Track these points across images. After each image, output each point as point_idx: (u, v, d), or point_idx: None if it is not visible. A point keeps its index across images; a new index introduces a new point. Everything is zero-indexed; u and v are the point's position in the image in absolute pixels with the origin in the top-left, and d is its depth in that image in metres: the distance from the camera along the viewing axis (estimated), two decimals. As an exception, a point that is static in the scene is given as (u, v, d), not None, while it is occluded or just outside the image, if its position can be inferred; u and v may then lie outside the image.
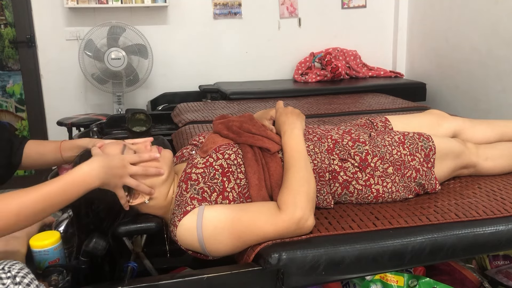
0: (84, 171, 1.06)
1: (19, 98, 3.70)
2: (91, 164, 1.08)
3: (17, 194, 0.98)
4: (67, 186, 1.03)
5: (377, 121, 1.62)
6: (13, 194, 0.98)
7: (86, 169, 1.06)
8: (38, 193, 0.99)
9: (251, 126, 1.37)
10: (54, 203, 1.01)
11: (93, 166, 1.07)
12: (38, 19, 3.49)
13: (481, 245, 1.23)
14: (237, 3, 3.77)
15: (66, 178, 1.04)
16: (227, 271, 1.09)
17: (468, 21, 3.24)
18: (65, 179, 1.03)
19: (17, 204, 0.96)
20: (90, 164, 1.07)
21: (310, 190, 1.18)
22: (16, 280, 0.89)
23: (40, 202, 0.99)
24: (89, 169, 1.06)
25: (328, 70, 3.66)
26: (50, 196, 1.00)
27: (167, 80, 3.73)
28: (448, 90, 3.53)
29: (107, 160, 1.11)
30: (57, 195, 1.01)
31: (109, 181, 1.10)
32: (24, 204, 0.97)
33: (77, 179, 1.04)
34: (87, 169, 1.06)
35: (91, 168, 1.07)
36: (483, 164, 1.54)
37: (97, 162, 1.09)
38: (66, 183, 1.03)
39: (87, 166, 1.07)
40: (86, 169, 1.06)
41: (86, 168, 1.06)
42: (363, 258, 1.14)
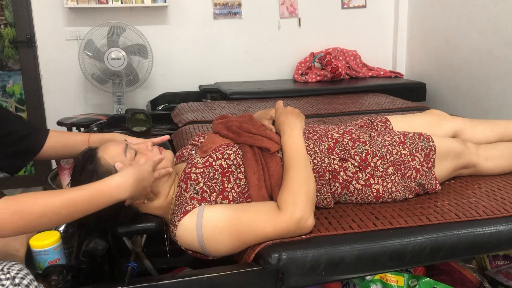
0: (117, 183, 1.05)
1: (19, 98, 3.70)
2: (125, 177, 1.07)
3: (44, 195, 0.98)
4: (96, 196, 1.02)
5: (377, 121, 1.62)
6: (40, 194, 0.98)
7: (120, 181, 1.05)
8: (65, 198, 0.98)
9: (251, 126, 1.37)
10: (79, 210, 1.00)
11: (126, 179, 1.06)
12: (38, 19, 3.49)
13: (481, 245, 1.23)
14: (237, 3, 3.77)
15: (97, 187, 1.03)
16: (227, 271, 1.09)
17: (468, 21, 3.24)
18: (95, 188, 1.02)
19: (42, 205, 0.96)
20: (124, 177, 1.07)
21: (310, 190, 1.18)
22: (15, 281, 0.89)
23: (65, 207, 0.98)
24: (123, 181, 1.06)
25: (328, 70, 3.66)
26: (76, 203, 0.99)
27: (167, 80, 3.73)
28: (448, 90, 3.53)
29: (139, 173, 1.10)
30: (83, 202, 1.00)
31: (137, 194, 1.11)
32: (49, 206, 0.96)
33: (107, 190, 1.03)
34: (121, 181, 1.06)
35: (124, 181, 1.06)
36: (483, 164, 1.54)
37: (131, 174, 1.08)
38: (95, 192, 1.02)
39: (121, 178, 1.06)
40: (119, 182, 1.05)
41: (119, 180, 1.06)
42: (363, 258, 1.14)
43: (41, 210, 0.95)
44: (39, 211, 0.95)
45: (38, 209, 0.95)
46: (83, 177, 1.17)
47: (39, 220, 0.95)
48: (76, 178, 1.19)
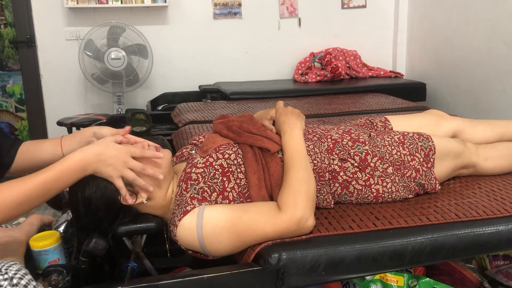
0: (78, 158, 1.07)
1: (19, 98, 3.70)
2: (86, 150, 1.08)
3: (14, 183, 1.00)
4: (61, 173, 1.04)
5: (376, 121, 1.62)
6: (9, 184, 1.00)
7: (80, 155, 1.07)
8: (35, 182, 1.01)
9: (251, 126, 1.37)
10: (49, 189, 1.03)
11: (87, 152, 1.08)
12: (38, 19, 3.49)
13: (481, 245, 1.23)
14: (237, 3, 3.77)
15: (60, 165, 1.05)
16: (227, 271, 1.09)
17: (468, 21, 3.24)
18: (59, 166, 1.05)
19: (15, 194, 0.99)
20: (84, 151, 1.08)
21: (310, 190, 1.18)
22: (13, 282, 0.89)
23: (37, 189, 1.01)
24: (82, 155, 1.07)
25: (328, 70, 3.66)
26: (47, 184, 1.02)
27: (167, 80, 3.73)
28: (448, 90, 3.53)
29: (103, 148, 1.10)
30: (51, 182, 1.03)
31: (103, 169, 1.10)
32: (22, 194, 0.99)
33: (70, 166, 1.05)
34: (80, 155, 1.07)
35: (84, 155, 1.07)
36: (483, 164, 1.54)
37: (92, 149, 1.09)
38: (60, 170, 1.04)
39: (80, 152, 1.08)
40: (79, 156, 1.07)
41: (79, 154, 1.07)
42: (363, 258, 1.14)
43: (16, 199, 0.98)
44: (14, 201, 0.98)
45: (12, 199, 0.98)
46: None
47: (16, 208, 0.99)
48: None
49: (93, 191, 1.15)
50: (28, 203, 1.01)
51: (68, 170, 1.05)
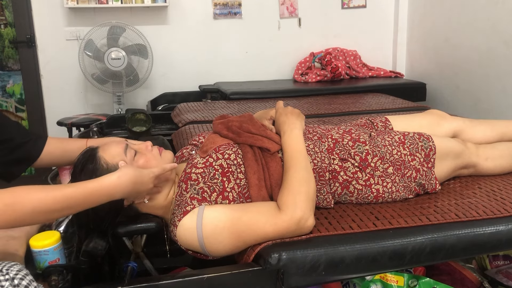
0: (113, 182, 1.05)
1: (19, 98, 3.70)
2: (122, 177, 1.06)
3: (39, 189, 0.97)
4: (91, 193, 1.02)
5: (377, 121, 1.62)
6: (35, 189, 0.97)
7: (116, 181, 1.05)
8: (60, 193, 0.98)
9: (251, 126, 1.37)
10: (73, 205, 1.00)
11: (123, 179, 1.06)
12: (38, 19, 3.49)
13: (481, 245, 1.23)
14: (237, 3, 3.77)
15: (93, 184, 1.03)
16: (227, 271, 1.09)
17: (468, 21, 3.24)
18: (91, 185, 1.02)
19: (36, 200, 0.95)
20: (121, 177, 1.06)
21: (310, 190, 1.18)
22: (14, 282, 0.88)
23: (59, 203, 0.98)
24: (119, 182, 1.06)
25: (328, 70, 3.66)
26: (72, 199, 0.99)
27: (167, 80, 3.73)
28: (448, 90, 3.53)
29: (138, 176, 1.10)
30: (78, 199, 1.00)
31: (133, 195, 1.12)
32: (43, 202, 0.96)
33: (103, 189, 1.03)
34: (117, 181, 1.05)
35: (120, 181, 1.06)
36: (483, 164, 1.54)
37: (129, 176, 1.07)
38: (91, 190, 1.02)
39: (117, 178, 1.06)
40: (115, 181, 1.05)
41: (115, 180, 1.05)
42: (363, 258, 1.14)
43: (35, 205, 0.95)
44: (32, 206, 0.95)
45: (31, 203, 0.95)
46: (83, 176, 1.17)
47: (31, 214, 0.95)
48: (77, 177, 1.19)
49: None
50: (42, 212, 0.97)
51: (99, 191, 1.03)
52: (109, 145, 1.22)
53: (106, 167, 1.17)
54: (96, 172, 1.17)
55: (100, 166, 1.17)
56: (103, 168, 1.17)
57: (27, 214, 0.94)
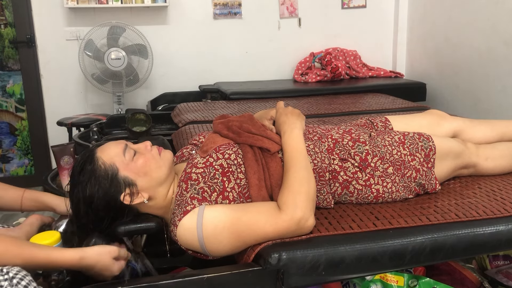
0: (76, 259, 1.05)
1: (19, 98, 3.70)
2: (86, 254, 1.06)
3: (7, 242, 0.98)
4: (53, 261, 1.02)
5: (377, 121, 1.62)
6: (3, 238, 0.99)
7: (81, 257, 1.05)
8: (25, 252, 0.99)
9: (251, 126, 1.37)
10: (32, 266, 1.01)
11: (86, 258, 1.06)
12: (38, 19, 3.49)
13: (481, 245, 1.23)
14: (237, 3, 3.77)
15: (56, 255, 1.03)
16: (227, 271, 1.09)
17: (468, 21, 3.24)
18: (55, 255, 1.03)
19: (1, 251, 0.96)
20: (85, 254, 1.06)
21: (310, 190, 1.18)
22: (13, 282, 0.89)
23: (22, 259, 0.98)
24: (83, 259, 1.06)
25: (328, 70, 3.66)
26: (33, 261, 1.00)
27: (167, 80, 3.73)
28: (448, 90, 3.53)
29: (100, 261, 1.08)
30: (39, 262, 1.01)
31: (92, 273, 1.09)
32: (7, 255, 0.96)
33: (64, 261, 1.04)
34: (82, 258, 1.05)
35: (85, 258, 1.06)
36: (483, 164, 1.54)
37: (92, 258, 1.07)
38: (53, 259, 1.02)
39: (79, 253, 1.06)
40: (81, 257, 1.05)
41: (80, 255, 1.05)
42: (363, 258, 1.14)
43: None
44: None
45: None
46: (82, 177, 1.17)
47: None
48: (75, 178, 1.19)
49: (95, 190, 1.15)
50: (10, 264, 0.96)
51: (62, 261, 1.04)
52: (108, 145, 1.22)
53: (103, 168, 1.17)
54: (94, 172, 1.17)
55: (98, 166, 1.17)
56: (100, 168, 1.17)
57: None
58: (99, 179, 1.15)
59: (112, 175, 1.17)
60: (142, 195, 1.20)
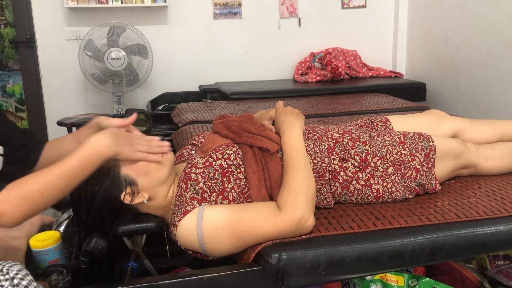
0: (97, 142, 1.10)
1: (19, 98, 3.70)
2: (101, 135, 1.11)
3: (39, 173, 1.03)
4: (84, 160, 1.07)
5: (377, 121, 1.62)
6: (35, 174, 1.03)
7: (98, 140, 1.10)
8: (58, 170, 1.04)
9: (251, 126, 1.37)
10: (74, 177, 1.06)
11: (103, 136, 1.11)
12: (38, 19, 3.49)
13: (481, 245, 1.23)
14: (237, 3, 3.77)
15: (82, 152, 1.08)
16: (227, 271, 1.09)
17: (468, 22, 3.24)
18: (81, 154, 1.07)
19: (41, 182, 1.01)
20: (100, 136, 1.11)
21: (310, 190, 1.18)
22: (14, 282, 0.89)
23: (61, 178, 1.03)
24: (101, 140, 1.10)
25: (328, 70, 3.66)
26: (70, 171, 1.05)
27: (167, 80, 3.73)
28: (448, 90, 3.53)
29: (115, 131, 1.15)
30: (76, 169, 1.06)
31: (122, 149, 1.14)
32: (47, 181, 1.01)
33: (91, 151, 1.08)
34: (99, 140, 1.10)
35: (102, 139, 1.10)
36: (483, 164, 1.54)
37: (106, 133, 1.13)
38: (83, 157, 1.07)
39: (97, 137, 1.11)
40: (98, 141, 1.10)
41: (97, 139, 1.10)
42: (363, 258, 1.14)
43: (42, 187, 1.00)
44: (40, 188, 1.00)
45: (38, 187, 1.00)
46: None
47: (42, 197, 1.00)
48: None
49: (96, 189, 1.15)
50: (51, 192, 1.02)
51: (90, 155, 1.08)
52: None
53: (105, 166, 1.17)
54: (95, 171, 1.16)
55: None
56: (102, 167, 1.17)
57: (38, 198, 1.00)
58: (100, 178, 1.15)
59: (113, 174, 1.17)
60: (142, 194, 1.20)
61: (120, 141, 1.14)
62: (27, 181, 1.01)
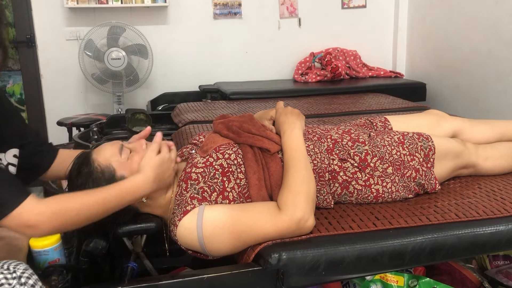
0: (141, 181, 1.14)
1: (19, 98, 3.70)
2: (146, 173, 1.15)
3: (79, 194, 1.06)
4: (124, 194, 1.10)
5: (376, 121, 1.62)
6: (75, 194, 1.06)
7: (142, 179, 1.14)
8: (97, 197, 1.07)
9: (251, 126, 1.37)
10: (109, 207, 1.08)
11: (148, 176, 1.15)
12: (38, 19, 3.49)
13: (481, 245, 1.23)
14: (237, 3, 3.77)
15: (124, 186, 1.11)
16: (227, 271, 1.09)
17: (468, 21, 3.24)
18: (122, 187, 1.11)
19: (79, 203, 1.04)
20: (145, 174, 1.15)
21: (310, 190, 1.18)
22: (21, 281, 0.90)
23: (98, 205, 1.06)
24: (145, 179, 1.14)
25: (328, 70, 3.66)
26: (108, 201, 1.08)
27: (167, 80, 3.73)
28: (448, 90, 3.53)
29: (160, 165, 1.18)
30: (114, 200, 1.09)
31: (162, 184, 1.19)
32: (85, 205, 1.04)
33: (133, 188, 1.12)
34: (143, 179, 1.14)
35: (146, 178, 1.14)
36: (483, 164, 1.54)
37: (152, 170, 1.16)
38: (123, 191, 1.10)
39: (143, 176, 1.14)
40: (142, 180, 1.14)
41: (142, 178, 1.14)
42: (363, 258, 1.14)
43: (79, 207, 1.03)
44: (77, 208, 1.03)
45: (75, 206, 1.03)
46: (79, 180, 1.17)
47: (77, 217, 1.03)
48: (73, 181, 1.19)
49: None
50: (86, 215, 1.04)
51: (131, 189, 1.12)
52: (103, 146, 1.22)
53: (100, 170, 1.16)
54: (91, 175, 1.16)
55: (94, 168, 1.17)
56: (97, 170, 1.17)
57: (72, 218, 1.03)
58: (97, 181, 1.15)
59: (109, 176, 1.16)
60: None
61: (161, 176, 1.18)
62: (66, 198, 1.04)
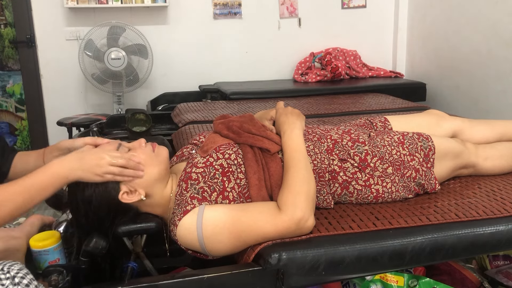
0: (61, 165, 1.10)
1: (19, 98, 3.70)
2: (67, 158, 1.12)
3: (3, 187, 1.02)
4: (46, 181, 1.07)
5: (376, 121, 1.62)
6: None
7: (63, 163, 1.10)
8: (19, 187, 1.04)
9: (251, 127, 1.37)
10: (33, 196, 1.05)
11: (69, 159, 1.11)
12: (38, 19, 3.49)
13: (481, 245, 1.23)
14: (237, 3, 3.77)
15: (45, 172, 1.07)
16: (227, 271, 1.09)
17: (468, 22, 3.24)
18: (44, 174, 1.07)
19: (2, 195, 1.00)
20: (66, 159, 1.11)
21: (310, 190, 1.18)
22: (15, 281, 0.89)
23: (20, 194, 1.03)
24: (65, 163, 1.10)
25: (328, 70, 3.66)
26: (30, 190, 1.04)
27: (167, 80, 3.73)
28: (448, 90, 3.53)
29: (80, 154, 1.14)
30: (37, 188, 1.05)
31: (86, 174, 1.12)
32: (5, 197, 1.01)
33: (55, 174, 1.08)
34: (64, 163, 1.10)
35: (66, 162, 1.11)
36: (483, 164, 1.54)
37: (72, 156, 1.13)
38: (45, 178, 1.07)
39: (63, 160, 1.11)
40: (63, 164, 1.10)
41: (62, 162, 1.10)
42: (363, 258, 1.14)
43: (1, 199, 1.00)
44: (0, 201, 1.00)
45: None
46: None
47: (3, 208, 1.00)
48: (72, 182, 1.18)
49: (93, 190, 1.15)
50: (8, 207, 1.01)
51: (50, 178, 1.08)
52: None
53: None
54: None
55: None
56: None
57: None
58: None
59: None
60: (139, 192, 1.19)
61: (85, 166, 1.11)
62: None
